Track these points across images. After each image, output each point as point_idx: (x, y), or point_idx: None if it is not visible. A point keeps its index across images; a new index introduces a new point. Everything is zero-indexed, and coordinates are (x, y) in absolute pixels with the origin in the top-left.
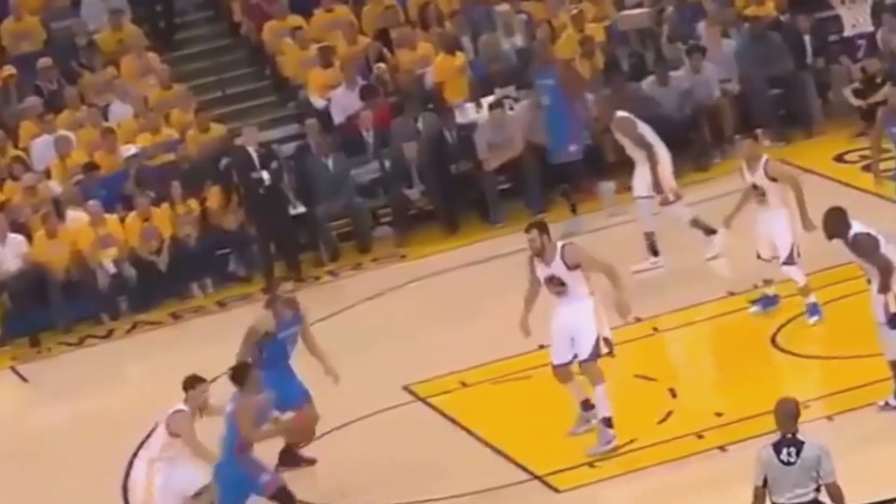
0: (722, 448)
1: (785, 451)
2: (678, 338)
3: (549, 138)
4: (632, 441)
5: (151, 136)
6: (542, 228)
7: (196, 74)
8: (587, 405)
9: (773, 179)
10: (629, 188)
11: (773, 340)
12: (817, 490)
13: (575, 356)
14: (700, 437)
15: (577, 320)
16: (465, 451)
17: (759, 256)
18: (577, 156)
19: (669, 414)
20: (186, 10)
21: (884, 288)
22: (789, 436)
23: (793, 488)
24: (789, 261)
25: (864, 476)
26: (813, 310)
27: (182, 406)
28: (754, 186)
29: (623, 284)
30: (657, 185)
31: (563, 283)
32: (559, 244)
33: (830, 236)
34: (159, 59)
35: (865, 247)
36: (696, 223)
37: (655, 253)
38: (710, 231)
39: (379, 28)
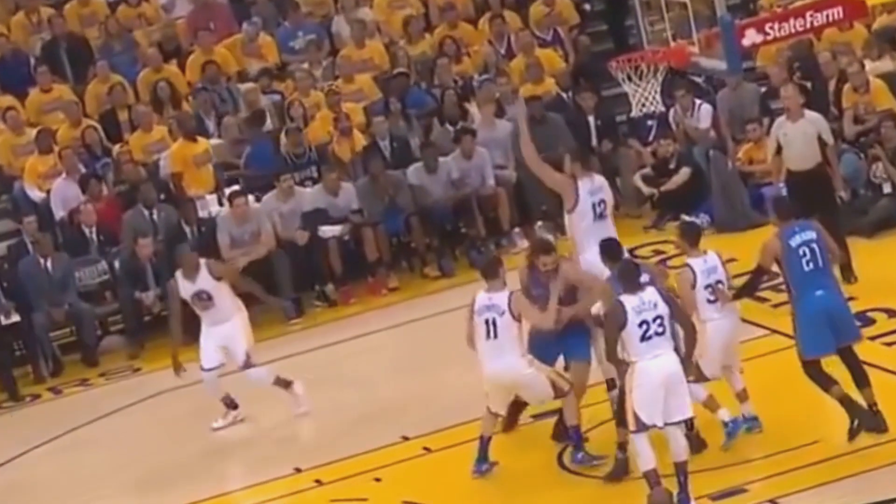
0: None
1: None
2: (451, 458)
3: None
4: None
5: None
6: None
7: None
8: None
9: None
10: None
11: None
12: None
13: None
14: None
15: None
16: None
17: None
18: None
19: None
20: None
21: None
22: None
23: None
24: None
25: None
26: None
27: (501, 293)
28: None
29: None
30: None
31: None
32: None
33: None
34: None
35: None
36: (277, 381)
37: (234, 406)
38: (288, 384)
39: (105, 109)
